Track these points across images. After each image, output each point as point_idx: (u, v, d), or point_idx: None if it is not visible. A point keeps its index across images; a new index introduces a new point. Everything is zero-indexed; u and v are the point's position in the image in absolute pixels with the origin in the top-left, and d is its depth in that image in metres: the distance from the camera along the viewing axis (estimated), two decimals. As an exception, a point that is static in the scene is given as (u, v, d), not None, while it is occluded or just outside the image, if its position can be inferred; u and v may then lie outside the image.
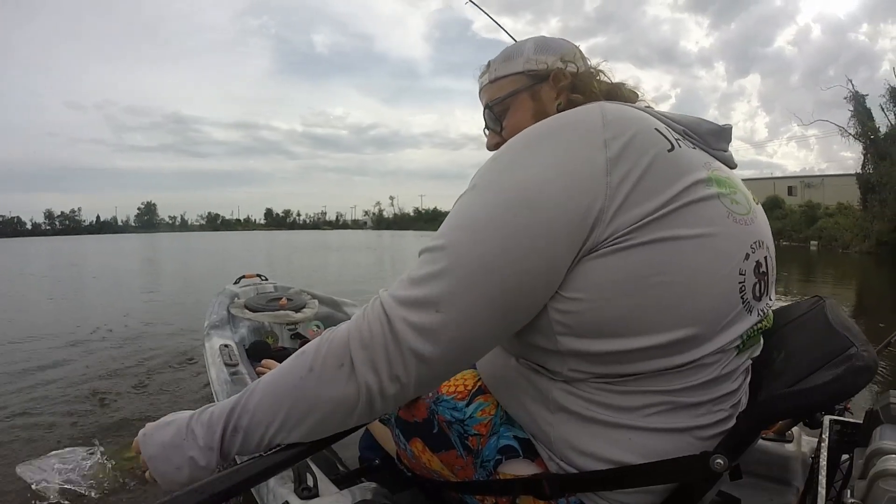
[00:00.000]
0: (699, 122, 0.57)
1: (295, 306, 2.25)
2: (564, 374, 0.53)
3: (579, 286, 0.47)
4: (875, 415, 0.63)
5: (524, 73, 0.71)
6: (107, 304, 5.77)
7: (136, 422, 2.10)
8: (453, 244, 0.47)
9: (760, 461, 0.96)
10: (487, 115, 0.75)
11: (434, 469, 0.67)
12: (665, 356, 0.48)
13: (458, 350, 0.47)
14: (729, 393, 0.53)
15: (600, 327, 0.48)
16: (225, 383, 1.41)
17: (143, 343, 3.64)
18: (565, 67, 0.69)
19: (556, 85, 0.68)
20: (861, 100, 19.56)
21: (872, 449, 0.56)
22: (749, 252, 0.51)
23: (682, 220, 0.46)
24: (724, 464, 0.47)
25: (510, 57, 0.72)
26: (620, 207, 0.45)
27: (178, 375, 2.85)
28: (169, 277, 9.71)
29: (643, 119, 0.49)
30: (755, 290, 0.52)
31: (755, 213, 0.54)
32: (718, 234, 0.48)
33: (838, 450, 0.74)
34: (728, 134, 0.59)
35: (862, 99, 19.54)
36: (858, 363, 0.44)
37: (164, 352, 3.36)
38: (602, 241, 0.45)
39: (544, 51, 0.71)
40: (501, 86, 0.73)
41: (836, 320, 0.56)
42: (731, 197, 0.51)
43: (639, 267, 0.45)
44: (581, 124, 0.48)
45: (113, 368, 2.97)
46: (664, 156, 0.47)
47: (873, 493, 0.51)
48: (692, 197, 0.47)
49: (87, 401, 2.42)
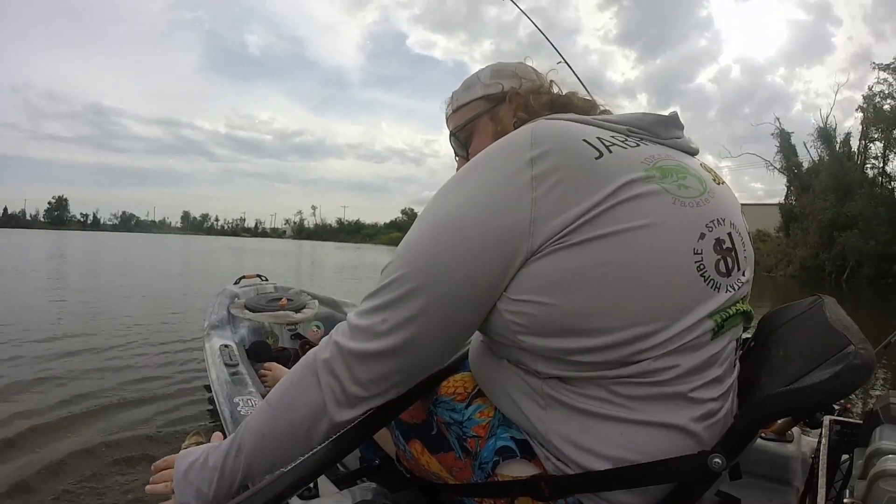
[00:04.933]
0: (642, 116, 0.59)
1: (295, 307, 2.26)
2: (540, 370, 0.54)
3: (525, 288, 0.50)
4: (875, 415, 0.63)
5: (483, 98, 0.76)
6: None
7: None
8: (394, 270, 0.53)
9: (760, 461, 0.96)
10: (454, 142, 0.81)
11: (433, 471, 0.67)
12: (630, 343, 0.49)
13: (402, 367, 0.54)
14: (715, 379, 0.53)
15: (556, 325, 0.50)
16: (225, 384, 1.41)
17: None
18: (519, 87, 0.73)
19: (513, 104, 0.72)
20: (787, 136, 22.05)
21: (872, 449, 0.56)
22: (704, 231, 0.52)
23: (615, 218, 0.48)
24: (722, 463, 0.47)
25: (469, 85, 0.79)
26: (549, 216, 0.48)
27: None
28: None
29: (572, 132, 0.53)
30: (719, 266, 0.52)
31: (712, 193, 0.55)
32: (662, 221, 0.49)
33: (838, 450, 0.74)
34: (675, 120, 0.61)
35: (788, 136, 22.04)
36: (856, 361, 0.44)
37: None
38: (539, 246, 0.49)
39: (499, 75, 0.77)
40: (463, 113, 0.78)
41: (835, 319, 0.56)
42: (679, 183, 0.52)
43: (578, 262, 0.48)
44: (508, 147, 0.53)
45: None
46: (590, 163, 0.50)
47: (873, 494, 0.51)
48: (624, 196, 0.49)
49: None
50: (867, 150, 20.05)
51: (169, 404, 2.35)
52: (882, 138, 19.20)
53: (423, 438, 0.68)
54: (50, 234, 39.31)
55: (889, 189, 18.89)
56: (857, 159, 20.08)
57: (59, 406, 2.29)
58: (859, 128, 20.17)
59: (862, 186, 18.53)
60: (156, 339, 3.76)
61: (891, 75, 18.64)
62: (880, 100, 19.05)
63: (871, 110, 19.34)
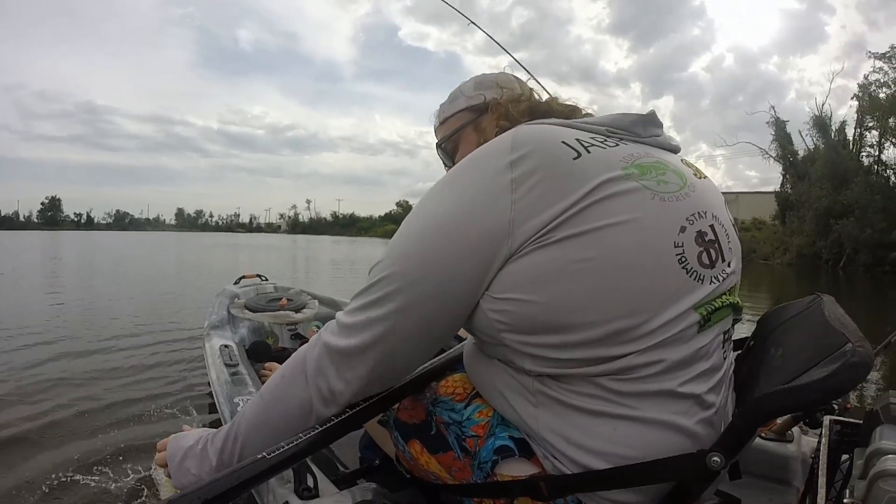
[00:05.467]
0: (621, 117, 0.60)
1: (295, 307, 2.26)
2: (529, 368, 0.54)
3: (507, 286, 0.52)
4: (875, 415, 0.63)
5: (467, 109, 0.80)
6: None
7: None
8: (380, 270, 0.55)
9: (760, 461, 0.96)
10: (441, 153, 0.85)
11: (432, 471, 0.67)
12: (612, 337, 0.49)
13: (384, 363, 0.57)
14: (704, 373, 0.53)
15: (538, 321, 0.51)
16: (225, 384, 1.41)
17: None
18: (501, 96, 0.76)
19: (495, 114, 0.75)
20: (782, 125, 22.18)
21: (872, 449, 0.56)
22: (685, 224, 0.52)
23: (593, 215, 0.49)
24: (721, 462, 0.47)
25: (454, 98, 0.83)
26: (528, 216, 0.50)
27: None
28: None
29: (550, 135, 0.54)
30: (701, 258, 0.53)
31: (692, 188, 0.56)
32: (641, 216, 0.50)
33: (838, 450, 0.74)
34: (653, 119, 0.62)
35: (783, 124, 22.16)
36: (853, 359, 0.44)
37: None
38: (519, 246, 0.50)
39: (482, 86, 0.80)
40: (449, 124, 0.82)
41: (833, 317, 0.56)
42: (658, 179, 0.53)
43: (557, 259, 0.49)
44: (490, 151, 0.54)
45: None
46: (569, 164, 0.51)
47: (873, 493, 0.51)
48: (602, 194, 0.50)
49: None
50: (863, 138, 20.15)
51: (169, 403, 2.36)
52: (878, 127, 19.24)
53: (422, 438, 0.68)
54: (44, 235, 38.96)
55: (885, 177, 18.98)
56: (853, 148, 20.08)
57: (61, 405, 2.29)
58: (854, 116, 20.33)
59: (858, 175, 18.55)
60: (152, 339, 3.75)
61: (886, 64, 18.78)
62: (875, 88, 19.18)
63: (866, 99, 19.40)
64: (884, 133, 19.11)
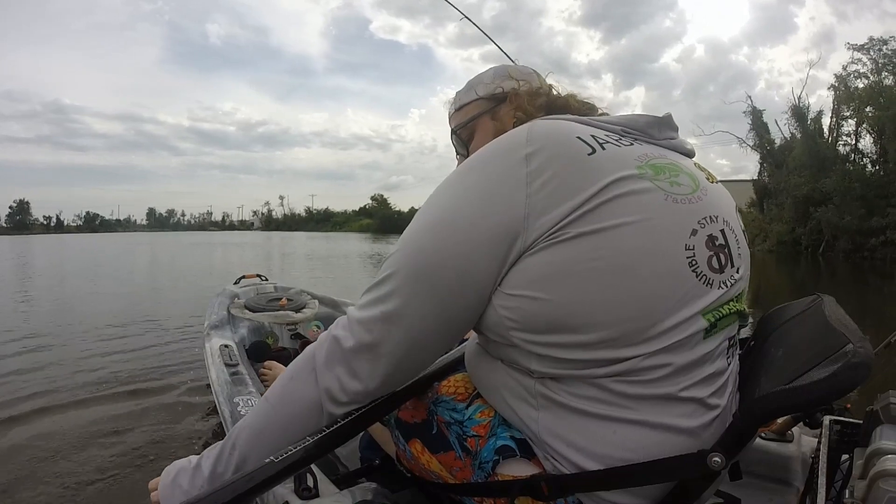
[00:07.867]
0: (636, 118, 0.60)
1: (295, 306, 2.26)
2: (533, 369, 0.54)
3: (518, 283, 0.51)
4: (875, 415, 0.63)
5: (485, 98, 0.79)
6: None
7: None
8: (392, 264, 0.55)
9: (760, 461, 0.96)
10: (455, 140, 0.84)
11: (433, 470, 0.67)
12: (620, 339, 0.49)
13: (397, 360, 0.55)
14: (708, 377, 0.53)
15: (547, 319, 0.50)
16: (225, 384, 1.41)
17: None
18: (520, 88, 0.76)
19: (512, 105, 0.75)
20: (759, 114, 22.33)
21: (872, 449, 0.56)
22: (697, 228, 0.52)
23: (607, 213, 0.48)
24: (721, 462, 0.47)
25: (472, 85, 0.82)
26: (543, 211, 0.49)
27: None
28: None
29: (566, 130, 0.53)
30: (711, 262, 0.52)
31: (704, 191, 0.56)
32: (653, 217, 0.50)
33: (838, 450, 0.74)
34: (668, 121, 0.62)
35: (760, 113, 22.32)
36: (854, 360, 0.44)
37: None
38: (533, 242, 0.50)
39: (502, 76, 0.80)
40: (465, 112, 0.81)
41: (834, 317, 0.56)
42: (671, 180, 0.53)
43: (569, 256, 0.49)
44: (505, 144, 0.53)
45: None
46: (583, 159, 0.50)
47: (873, 493, 0.51)
48: (616, 192, 0.49)
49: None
50: (839, 127, 20.36)
51: (169, 400, 2.36)
52: (854, 116, 19.51)
53: (423, 438, 0.68)
54: (16, 240, 37.96)
55: (861, 165, 19.31)
56: (829, 137, 20.33)
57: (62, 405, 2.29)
58: (830, 105, 20.57)
59: (836, 163, 18.82)
60: (146, 341, 3.72)
61: (864, 55, 19.06)
62: (854, 78, 19.47)
63: (842, 88, 19.66)
64: (860, 122, 19.36)
